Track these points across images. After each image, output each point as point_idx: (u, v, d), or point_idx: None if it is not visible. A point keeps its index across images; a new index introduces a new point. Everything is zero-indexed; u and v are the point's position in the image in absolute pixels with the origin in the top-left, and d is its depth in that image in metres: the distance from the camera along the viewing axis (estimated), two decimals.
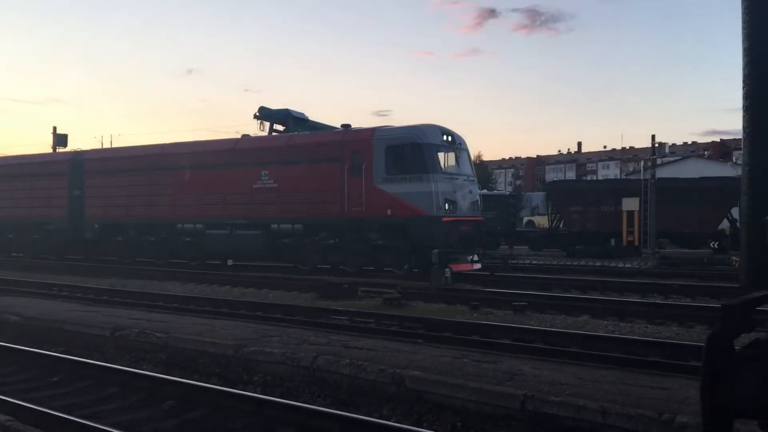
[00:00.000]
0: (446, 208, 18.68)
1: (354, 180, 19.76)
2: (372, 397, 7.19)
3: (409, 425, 6.13)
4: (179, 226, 23.61)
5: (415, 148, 18.97)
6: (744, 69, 3.27)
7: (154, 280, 19.66)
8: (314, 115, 26.03)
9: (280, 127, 24.80)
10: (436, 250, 17.80)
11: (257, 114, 24.58)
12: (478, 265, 19.54)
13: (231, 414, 6.55)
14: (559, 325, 11.37)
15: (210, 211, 22.77)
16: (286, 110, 24.82)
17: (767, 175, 2.58)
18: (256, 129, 24.99)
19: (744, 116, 3.28)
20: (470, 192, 20.14)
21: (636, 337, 9.96)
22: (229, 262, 22.89)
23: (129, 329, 10.29)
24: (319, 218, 20.50)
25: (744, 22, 3.23)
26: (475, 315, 12.70)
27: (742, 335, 4.05)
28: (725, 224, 29.05)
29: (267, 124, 24.60)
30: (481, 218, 20.88)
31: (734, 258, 21.47)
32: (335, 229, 20.40)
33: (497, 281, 18.13)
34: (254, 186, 21.82)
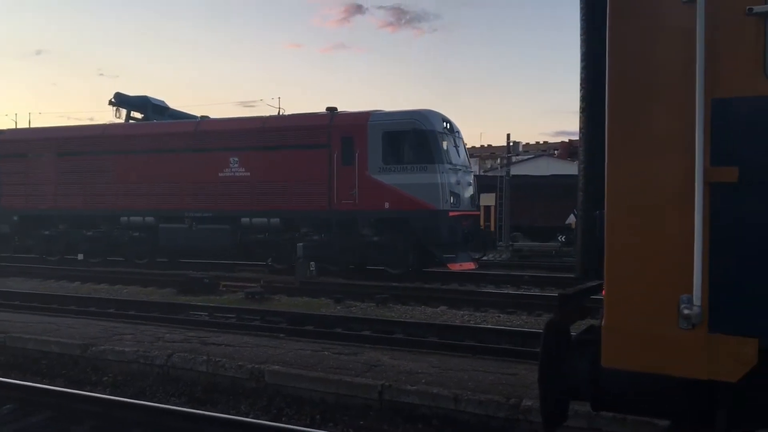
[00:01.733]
0: (451, 201, 17.44)
1: (345, 169, 17.94)
2: (230, 394, 7.05)
3: (266, 420, 6.07)
4: (124, 218, 20.85)
5: (418, 135, 17.40)
6: (581, 73, 3.53)
7: None
8: (176, 105, 25.04)
9: (137, 115, 23.72)
10: (301, 244, 17.65)
11: (113, 100, 23.37)
12: (476, 264, 18.78)
13: (77, 417, 6.18)
14: (418, 316, 11.71)
15: (164, 202, 20.18)
16: (145, 97, 23.80)
17: (599, 173, 2.80)
18: (111, 116, 23.73)
19: (581, 118, 3.54)
20: (469, 184, 18.87)
21: (489, 326, 10.46)
22: (80, 257, 21.50)
23: None
24: (302, 211, 18.54)
25: (581, 28, 3.48)
26: (339, 308, 12.81)
27: (580, 322, 4.37)
28: (572, 219, 31.06)
29: (123, 111, 23.47)
30: (479, 212, 19.61)
31: None
32: (321, 224, 18.55)
33: (361, 273, 18.32)
34: (221, 174, 19.46)
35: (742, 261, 2.81)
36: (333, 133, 18.30)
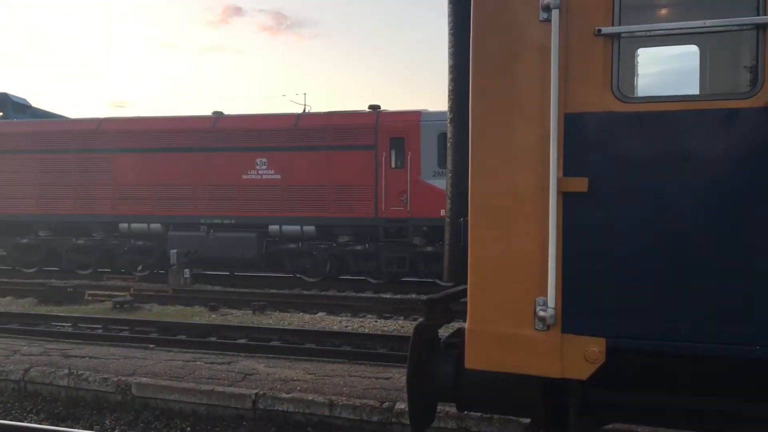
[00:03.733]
0: None
1: (394, 173, 16.60)
2: (94, 408, 6.70)
3: None
4: (124, 225, 18.54)
5: None
6: (449, 84, 3.67)
7: None
8: (40, 104, 23.33)
9: None
10: (174, 250, 17.02)
11: None
12: None
13: None
14: (296, 323, 11.63)
15: (174, 207, 18.08)
16: (4, 94, 22.13)
17: (464, 181, 2.94)
18: None
19: (449, 128, 3.69)
20: None
21: (366, 332, 10.55)
22: None
23: None
24: (343, 219, 17.01)
25: (449, 41, 3.62)
26: (213, 316, 12.48)
27: (450, 325, 4.50)
28: None
29: None
30: None
31: None
32: (365, 232, 17.12)
33: (238, 281, 17.93)
34: (245, 176, 17.59)
35: (591, 266, 3.01)
36: (381, 133, 16.91)
